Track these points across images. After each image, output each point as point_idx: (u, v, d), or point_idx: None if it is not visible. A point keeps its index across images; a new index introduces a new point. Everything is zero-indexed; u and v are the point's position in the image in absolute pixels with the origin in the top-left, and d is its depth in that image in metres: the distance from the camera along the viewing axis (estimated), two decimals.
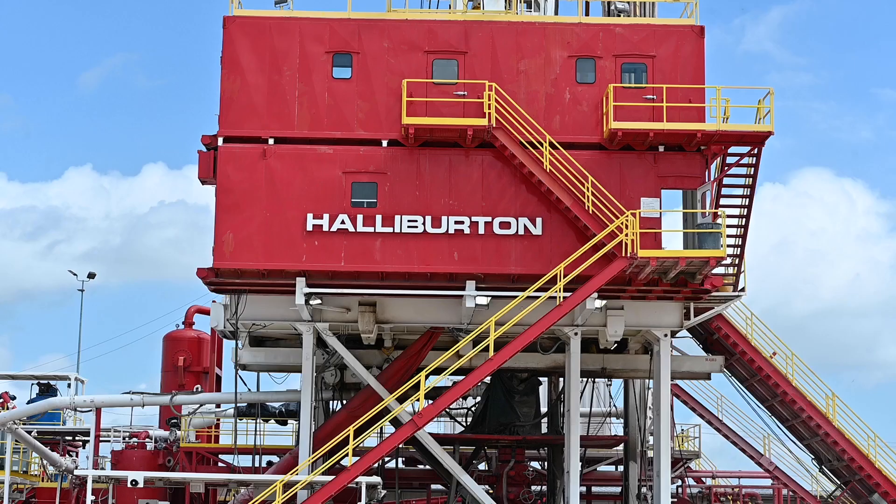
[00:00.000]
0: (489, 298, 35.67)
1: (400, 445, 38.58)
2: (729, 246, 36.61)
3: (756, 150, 36.03)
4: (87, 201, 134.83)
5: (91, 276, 53.11)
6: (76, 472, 38.40)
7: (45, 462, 49.20)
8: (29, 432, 45.26)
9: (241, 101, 36.16)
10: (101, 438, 44.73)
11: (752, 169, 36.67)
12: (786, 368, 39.97)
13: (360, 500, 35.15)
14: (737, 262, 37.78)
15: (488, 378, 41.51)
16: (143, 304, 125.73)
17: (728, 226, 36.07)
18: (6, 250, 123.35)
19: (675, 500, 42.67)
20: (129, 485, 36.30)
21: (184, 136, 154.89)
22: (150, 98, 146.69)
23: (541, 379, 44.31)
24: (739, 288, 37.99)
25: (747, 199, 37.13)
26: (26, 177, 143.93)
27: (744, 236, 37.44)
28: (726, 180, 36.96)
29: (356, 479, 34.55)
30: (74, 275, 52.92)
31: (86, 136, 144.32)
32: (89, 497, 36.01)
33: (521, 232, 35.76)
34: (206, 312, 50.08)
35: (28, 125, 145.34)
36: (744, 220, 37.33)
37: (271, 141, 35.98)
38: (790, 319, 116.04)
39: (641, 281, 35.51)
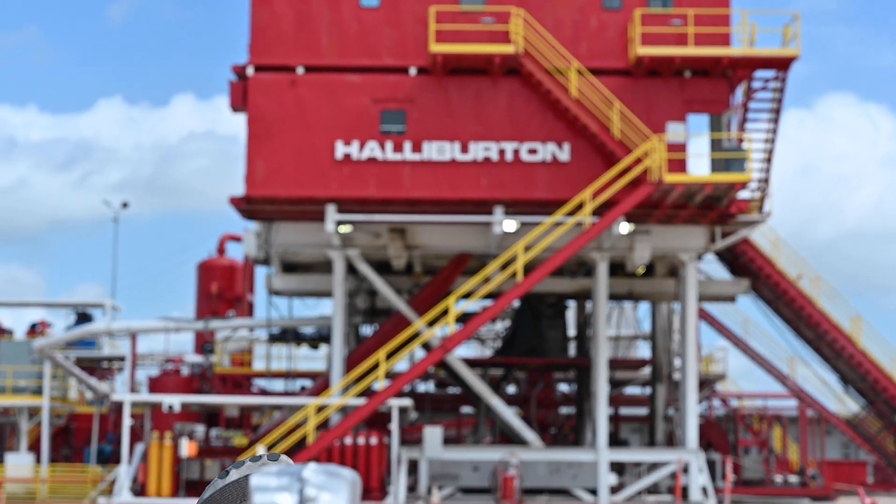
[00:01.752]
0: (517, 224, 36.08)
1: (430, 369, 39.21)
2: (754, 170, 36.86)
3: (781, 75, 36.18)
4: (118, 132, 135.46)
5: (125, 205, 53.58)
6: (113, 398, 39.10)
7: (82, 388, 50.08)
8: (66, 359, 46.01)
9: (270, 30, 36.40)
10: (136, 364, 45.45)
11: (778, 93, 36.82)
12: (811, 291, 40.35)
13: (391, 423, 35.82)
14: (762, 186, 38.03)
15: (517, 303, 42.05)
16: (175, 233, 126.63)
17: (753, 150, 36.32)
18: (39, 181, 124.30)
19: (702, 421, 43.20)
20: (165, 409, 37.03)
21: (212, 66, 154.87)
22: (178, 28, 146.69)
23: (568, 303, 44.82)
24: (765, 212, 38.28)
25: (773, 124, 37.31)
26: (57, 108, 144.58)
27: (769, 160, 37.67)
28: (752, 105, 37.14)
29: (388, 402, 35.21)
30: (109, 204, 53.45)
31: (115, 68, 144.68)
32: (126, 421, 36.73)
33: (549, 158, 36.06)
34: (238, 240, 50.74)
35: (57, 58, 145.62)
36: (769, 144, 37.54)
37: (301, 69, 36.27)
38: (815, 243, 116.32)
39: (668, 205, 35.83)
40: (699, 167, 36.04)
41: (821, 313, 40.12)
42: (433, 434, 36.41)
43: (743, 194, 36.84)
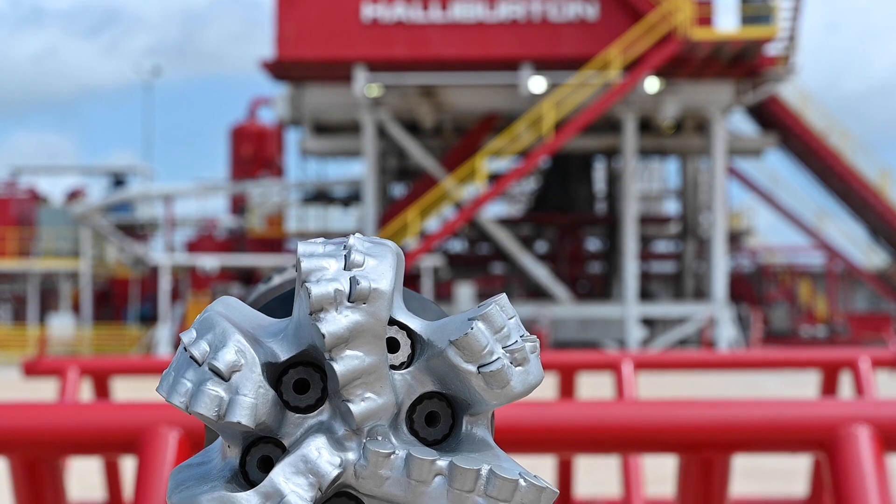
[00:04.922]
0: (545, 83, 36.24)
1: (462, 229, 39.73)
2: (782, 25, 36.75)
3: None
4: None
5: (157, 69, 53.85)
6: (151, 261, 39.87)
7: (120, 253, 50.91)
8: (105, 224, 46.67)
9: None
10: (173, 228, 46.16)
11: None
12: (839, 145, 40.48)
13: (421, 277, 36.50)
14: (790, 41, 37.94)
15: (548, 163, 42.39)
16: (204, 98, 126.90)
17: (781, 4, 36.17)
18: (68, 49, 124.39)
19: (730, 276, 43.73)
20: (201, 271, 37.81)
21: None
22: None
23: (596, 161, 45.11)
24: (792, 65, 38.27)
25: None
26: None
27: (797, 14, 37.51)
28: None
29: (419, 261, 35.83)
30: (139, 69, 53.72)
31: None
32: (164, 283, 37.56)
33: (577, 16, 36.08)
34: (269, 104, 51.08)
35: None
36: None
37: None
38: (843, 96, 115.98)
39: (696, 61, 35.89)
40: (727, 22, 35.95)
41: (848, 168, 40.30)
42: (465, 291, 37.08)
43: (771, 49, 36.81)
